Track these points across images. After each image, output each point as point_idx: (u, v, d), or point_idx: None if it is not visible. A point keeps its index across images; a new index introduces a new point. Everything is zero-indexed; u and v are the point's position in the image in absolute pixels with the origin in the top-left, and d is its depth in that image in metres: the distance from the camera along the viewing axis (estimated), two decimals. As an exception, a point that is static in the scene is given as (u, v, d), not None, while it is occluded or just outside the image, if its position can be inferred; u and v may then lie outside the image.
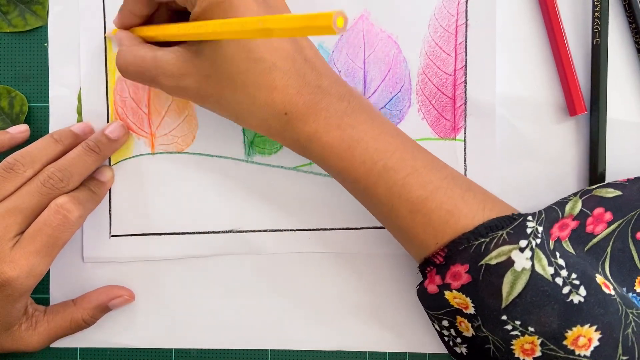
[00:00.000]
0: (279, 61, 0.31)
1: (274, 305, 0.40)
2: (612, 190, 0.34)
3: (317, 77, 0.32)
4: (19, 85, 0.41)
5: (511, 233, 0.30)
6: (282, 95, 0.31)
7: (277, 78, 0.31)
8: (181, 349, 0.41)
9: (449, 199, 0.31)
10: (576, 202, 0.33)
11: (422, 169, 0.32)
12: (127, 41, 0.36)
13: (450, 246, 0.31)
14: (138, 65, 0.34)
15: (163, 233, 0.40)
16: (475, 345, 0.33)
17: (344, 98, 0.33)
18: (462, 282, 0.31)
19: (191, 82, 0.33)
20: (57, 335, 0.39)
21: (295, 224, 0.40)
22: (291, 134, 0.32)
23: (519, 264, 0.30)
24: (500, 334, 0.31)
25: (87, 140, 0.38)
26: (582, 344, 0.30)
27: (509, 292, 0.30)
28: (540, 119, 0.38)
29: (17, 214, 0.34)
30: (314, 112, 0.32)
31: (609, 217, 0.34)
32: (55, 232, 0.35)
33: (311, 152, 0.33)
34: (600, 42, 0.37)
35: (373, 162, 0.32)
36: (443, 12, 0.38)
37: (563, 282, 0.30)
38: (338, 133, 0.32)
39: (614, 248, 0.34)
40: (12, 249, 0.34)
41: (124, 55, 0.34)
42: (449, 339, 0.35)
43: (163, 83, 0.33)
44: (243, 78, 0.31)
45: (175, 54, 0.33)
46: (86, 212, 0.37)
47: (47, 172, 0.36)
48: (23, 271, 0.34)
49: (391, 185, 0.32)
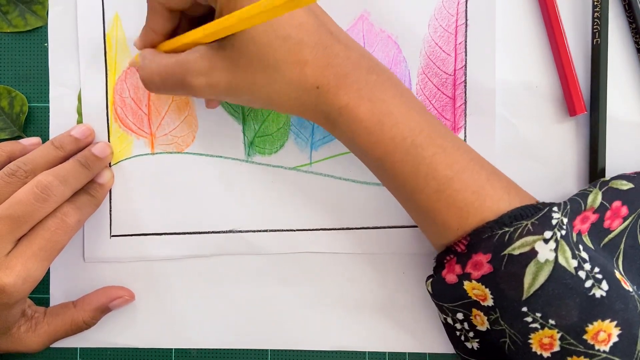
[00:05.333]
0: (306, 36, 0.31)
1: (274, 305, 0.40)
2: (625, 183, 0.34)
3: (345, 49, 0.32)
4: (19, 85, 0.41)
5: (536, 224, 0.30)
6: (312, 69, 0.31)
7: (307, 53, 0.31)
8: (181, 349, 0.41)
9: (475, 181, 0.31)
10: (597, 194, 0.33)
11: (450, 149, 0.31)
12: (149, 55, 0.34)
13: (473, 234, 0.31)
14: (163, 73, 0.33)
15: (163, 233, 0.40)
16: (488, 340, 0.33)
17: (373, 71, 0.32)
18: (482, 273, 0.31)
19: (221, 76, 0.32)
20: (57, 336, 0.39)
21: (295, 224, 0.40)
22: (323, 107, 0.32)
23: (542, 255, 0.29)
24: (519, 326, 0.31)
25: (77, 156, 0.38)
26: (602, 339, 0.30)
27: (531, 283, 0.30)
28: (540, 119, 0.38)
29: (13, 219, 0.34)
30: (344, 85, 0.31)
31: (625, 211, 0.33)
32: (54, 236, 0.35)
33: (341, 126, 0.32)
34: (600, 42, 0.37)
35: (402, 137, 0.31)
36: (443, 12, 0.38)
37: (586, 275, 0.30)
38: (369, 106, 0.31)
39: (627, 245, 0.34)
40: (8, 255, 0.34)
41: (147, 67, 0.33)
42: (460, 333, 0.34)
43: (193, 84, 0.32)
44: (273, 57, 0.31)
45: (200, 52, 0.32)
46: (84, 216, 0.37)
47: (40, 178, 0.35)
48: (20, 277, 0.34)
49: (418, 163, 0.31)
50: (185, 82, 0.32)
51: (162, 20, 0.34)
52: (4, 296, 0.34)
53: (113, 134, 0.40)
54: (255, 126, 0.40)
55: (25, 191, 0.34)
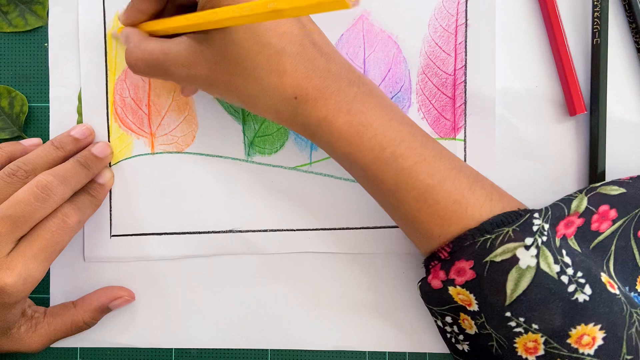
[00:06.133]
0: (288, 45, 0.31)
1: (274, 305, 0.40)
2: (616, 188, 0.34)
3: (327, 61, 0.32)
4: (19, 85, 0.41)
5: (517, 230, 0.30)
6: (291, 80, 0.31)
7: (287, 62, 0.31)
8: (181, 349, 0.41)
9: (456, 189, 0.31)
10: (582, 199, 0.33)
11: (430, 158, 0.32)
12: (135, 37, 0.35)
13: (456, 242, 0.31)
14: (148, 60, 0.34)
15: (163, 233, 0.40)
16: (477, 343, 0.33)
17: (354, 83, 0.32)
18: (466, 279, 0.31)
19: (202, 70, 0.32)
20: (57, 336, 0.39)
21: (295, 224, 0.40)
22: (301, 118, 0.32)
23: (523, 261, 0.30)
24: (504, 331, 0.31)
25: (77, 156, 0.38)
26: (586, 343, 0.30)
27: (514, 289, 0.30)
28: (540, 118, 0.38)
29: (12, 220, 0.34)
30: (323, 97, 0.31)
31: (614, 214, 0.34)
32: (54, 236, 0.35)
33: (320, 137, 0.32)
34: (600, 42, 0.37)
35: (382, 148, 0.31)
36: (443, 12, 0.38)
37: (569, 280, 0.30)
38: (348, 118, 0.31)
39: (618, 246, 0.34)
40: (9, 255, 0.34)
41: (132, 52, 0.34)
42: (451, 335, 0.35)
43: (175, 73, 0.33)
44: (252, 63, 0.31)
45: (184, 44, 0.33)
46: (85, 216, 0.37)
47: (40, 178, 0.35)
48: (20, 277, 0.33)
49: (399, 172, 0.31)
50: (169, 71, 0.33)
51: (150, 1, 0.35)
52: (4, 296, 0.34)
53: (113, 134, 0.40)
54: (255, 126, 0.40)
55: (25, 191, 0.34)
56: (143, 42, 0.34)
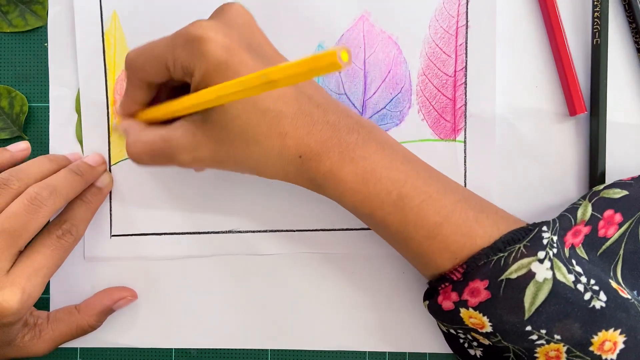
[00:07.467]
0: (284, 107, 0.31)
1: (274, 305, 0.40)
2: (619, 191, 0.34)
3: (324, 113, 0.32)
4: (19, 85, 0.41)
5: (528, 245, 0.30)
6: (293, 140, 0.31)
7: (286, 124, 0.31)
8: (181, 349, 0.41)
9: (464, 222, 0.31)
10: (586, 207, 0.33)
11: (436, 194, 0.32)
12: (133, 129, 0.35)
13: (469, 262, 0.31)
14: (149, 151, 0.33)
15: (163, 233, 0.40)
16: (492, 352, 0.33)
17: (353, 130, 0.32)
18: (480, 299, 0.31)
19: (205, 150, 0.32)
20: (62, 341, 0.38)
21: (295, 225, 0.40)
22: (307, 174, 0.32)
23: (540, 275, 0.30)
24: (525, 344, 0.31)
25: (70, 165, 0.38)
26: (608, 349, 0.30)
27: (532, 302, 0.30)
28: (540, 119, 0.38)
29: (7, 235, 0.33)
30: (326, 150, 0.32)
31: (619, 218, 0.34)
32: (54, 252, 0.35)
33: (327, 189, 0.33)
34: (600, 42, 0.37)
35: (387, 192, 0.32)
36: (443, 13, 0.38)
37: (584, 288, 0.30)
38: (352, 167, 0.32)
39: (626, 250, 0.34)
40: (9, 274, 0.33)
41: (134, 145, 0.34)
42: (464, 341, 0.35)
43: (180, 159, 0.33)
44: (254, 132, 0.31)
45: (183, 128, 0.32)
46: (83, 228, 0.38)
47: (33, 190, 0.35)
48: (22, 297, 0.33)
49: (406, 213, 0.32)
50: (173, 158, 0.33)
51: (142, 92, 0.35)
52: (7, 317, 0.33)
53: (113, 134, 0.40)
54: (255, 126, 0.40)
55: (17, 204, 0.34)
56: (142, 133, 0.34)
